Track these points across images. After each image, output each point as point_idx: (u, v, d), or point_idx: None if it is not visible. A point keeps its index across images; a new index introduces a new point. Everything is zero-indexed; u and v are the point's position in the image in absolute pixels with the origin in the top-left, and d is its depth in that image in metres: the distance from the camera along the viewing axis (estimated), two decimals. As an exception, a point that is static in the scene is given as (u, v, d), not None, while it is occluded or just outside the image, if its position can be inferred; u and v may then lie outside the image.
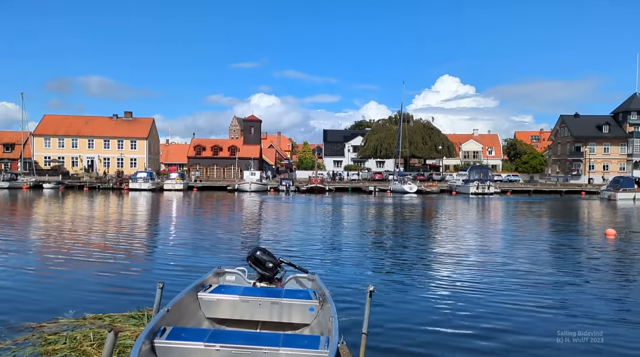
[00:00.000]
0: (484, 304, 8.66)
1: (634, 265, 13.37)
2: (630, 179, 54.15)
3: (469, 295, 9.34)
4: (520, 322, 7.70)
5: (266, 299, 5.62)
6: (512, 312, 8.24)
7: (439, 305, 8.64)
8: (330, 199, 49.21)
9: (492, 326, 7.50)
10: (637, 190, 50.68)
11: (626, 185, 51.84)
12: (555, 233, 21.54)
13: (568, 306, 8.82)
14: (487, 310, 8.31)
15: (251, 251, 6.28)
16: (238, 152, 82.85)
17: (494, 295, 9.37)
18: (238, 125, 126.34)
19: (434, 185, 66.51)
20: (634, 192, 50.22)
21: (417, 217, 29.04)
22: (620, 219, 29.11)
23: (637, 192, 50.21)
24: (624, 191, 50.69)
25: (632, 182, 52.35)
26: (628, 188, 51.06)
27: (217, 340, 4.34)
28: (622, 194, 49.98)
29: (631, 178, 55.09)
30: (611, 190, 52.26)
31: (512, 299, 9.05)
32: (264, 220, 26.54)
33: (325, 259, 13.38)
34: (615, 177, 60.51)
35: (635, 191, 50.44)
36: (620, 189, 51.17)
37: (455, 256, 14.16)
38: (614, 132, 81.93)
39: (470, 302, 8.78)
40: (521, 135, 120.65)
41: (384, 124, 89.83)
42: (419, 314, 8.12)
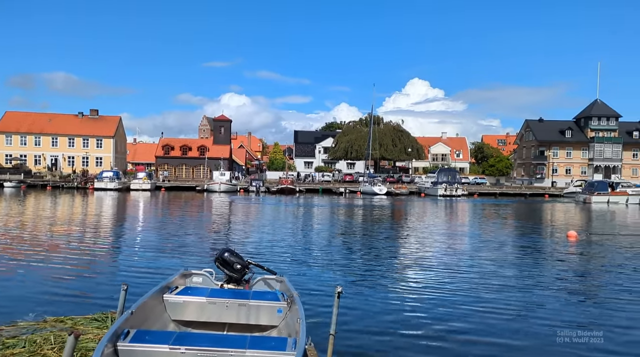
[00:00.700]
0: (450, 306, 8.80)
1: (591, 266, 13.82)
2: (605, 183, 56.42)
3: (436, 297, 9.48)
4: (485, 324, 7.83)
5: (233, 301, 5.57)
6: (476, 313, 8.38)
7: (407, 306, 8.74)
8: (301, 200, 49.21)
9: (458, 327, 7.62)
10: (611, 193, 52.88)
11: (600, 188, 54.04)
12: (519, 235, 22.08)
13: (530, 307, 9.05)
14: (453, 311, 8.44)
15: (219, 253, 6.22)
16: (207, 152, 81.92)
17: (460, 296, 9.53)
18: (208, 125, 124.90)
19: (403, 187, 67.28)
20: (608, 196, 52.43)
21: (387, 219, 29.32)
22: (584, 222, 30.07)
23: (611, 196, 52.42)
24: (599, 194, 52.81)
25: (606, 186, 54.63)
26: (602, 192, 53.22)
27: (182, 342, 4.27)
28: (597, 198, 52.05)
29: (605, 182, 57.39)
30: (586, 193, 54.24)
31: (476, 301, 9.21)
32: (233, 221, 26.33)
33: (294, 260, 13.36)
34: (590, 181, 62.98)
35: (609, 195, 52.62)
36: (595, 192, 53.26)
37: (423, 258, 14.35)
38: (576, 137, 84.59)
39: (436, 304, 8.91)
40: (488, 138, 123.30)
41: (355, 126, 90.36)
42: (387, 315, 8.19)
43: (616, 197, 52.26)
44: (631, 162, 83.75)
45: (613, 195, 52.77)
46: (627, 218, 33.97)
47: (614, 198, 52.16)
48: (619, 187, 54.85)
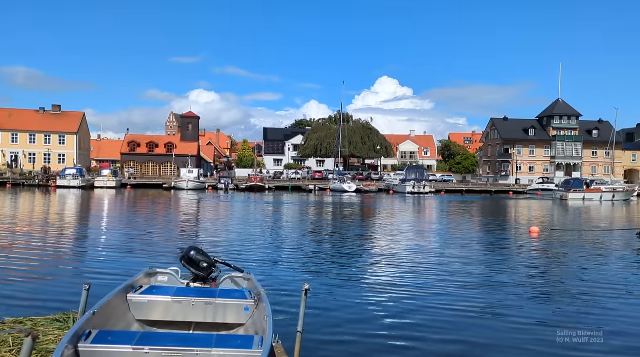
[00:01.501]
0: (418, 304, 8.86)
1: (549, 262, 14.26)
2: (580, 181, 59.04)
3: (405, 295, 9.56)
4: (449, 322, 7.88)
5: (200, 300, 5.51)
6: (443, 311, 8.44)
7: (375, 304, 8.79)
8: (271, 197, 49.02)
9: (425, 324, 7.68)
10: (586, 191, 55.18)
11: (576, 186, 56.59)
12: (485, 231, 22.58)
13: (493, 305, 9.26)
14: (421, 309, 8.50)
15: (185, 251, 6.13)
16: (175, 149, 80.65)
17: (427, 294, 9.61)
18: (175, 121, 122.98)
19: (373, 184, 67.87)
20: (583, 193, 54.73)
21: (356, 216, 29.51)
22: (547, 218, 30.96)
23: (586, 193, 54.70)
24: (575, 191, 55.16)
25: (582, 184, 57.12)
26: (578, 189, 55.63)
27: (146, 343, 4.20)
28: (573, 195, 54.34)
29: (581, 180, 60.09)
30: (563, 191, 56.53)
31: (443, 298, 9.31)
32: (201, 219, 26.03)
33: (262, 258, 13.31)
34: (566, 179, 65.87)
35: (585, 192, 54.93)
36: (571, 190, 55.65)
37: (392, 256, 14.51)
38: (539, 136, 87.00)
39: (405, 302, 8.97)
40: (455, 136, 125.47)
41: (324, 124, 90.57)
42: (355, 312, 8.24)
43: (591, 195, 54.58)
44: (590, 160, 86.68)
45: (588, 192, 55.12)
46: (592, 214, 35.19)
47: (589, 195, 54.47)
48: (594, 184, 57.44)
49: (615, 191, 56.31)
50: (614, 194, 55.26)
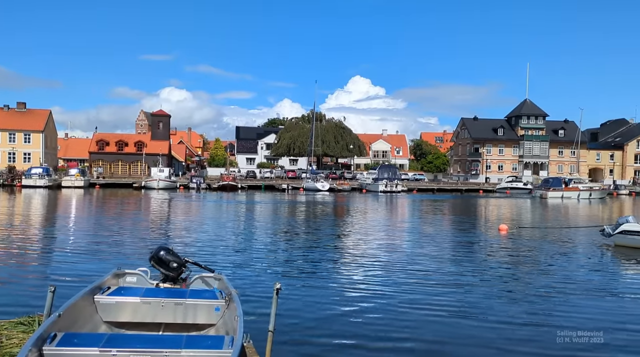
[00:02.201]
0: (388, 303, 8.90)
1: (518, 260, 14.59)
2: (559, 180, 60.97)
3: (376, 294, 9.62)
4: (418, 321, 7.94)
5: (169, 300, 5.45)
6: (412, 310, 8.47)
7: (347, 303, 8.81)
8: (243, 197, 48.71)
9: (395, 324, 7.73)
10: (564, 189, 56.98)
11: (555, 185, 58.40)
12: (456, 229, 22.96)
13: (462, 304, 9.43)
14: (390, 308, 8.55)
15: (154, 251, 6.05)
16: (145, 148, 79.26)
17: (398, 293, 9.68)
18: (146, 119, 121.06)
19: (346, 183, 68.12)
20: (562, 191, 56.51)
21: (329, 215, 29.59)
22: (515, 215, 31.66)
23: (564, 191, 56.51)
24: (554, 190, 56.91)
25: (560, 182, 58.93)
26: (557, 188, 57.40)
27: (114, 344, 4.14)
28: (552, 193, 56.14)
29: (559, 179, 62.00)
30: (542, 189, 58.32)
31: (412, 297, 9.38)
32: (171, 219, 25.68)
33: (234, 258, 13.23)
34: (545, 178, 67.85)
35: (563, 190, 56.72)
36: (551, 188, 57.38)
37: (365, 255, 14.61)
38: (508, 135, 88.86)
39: (376, 301, 9.01)
40: (427, 136, 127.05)
41: (297, 123, 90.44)
42: (327, 312, 8.25)
43: (569, 193, 56.44)
44: (557, 159, 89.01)
45: (566, 190, 56.96)
46: (563, 211, 36.14)
47: (567, 193, 56.32)
48: (572, 183, 59.31)
49: (592, 190, 58.52)
50: (591, 192, 57.36)
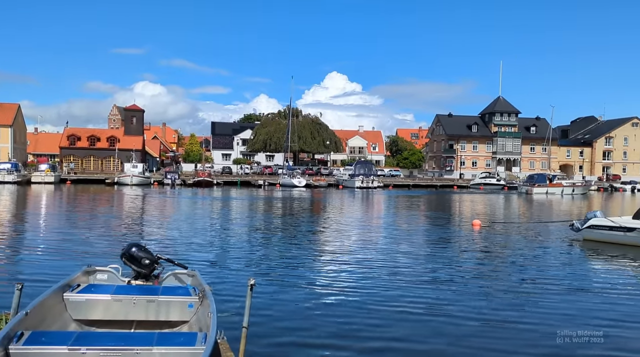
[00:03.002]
0: (363, 300, 8.86)
1: (490, 256, 14.83)
2: (544, 176, 63.16)
3: (351, 290, 9.58)
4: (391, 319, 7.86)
5: (141, 297, 5.36)
6: (386, 307, 8.43)
7: (322, 300, 8.76)
8: (219, 193, 48.32)
9: (369, 321, 7.68)
10: (549, 185, 59.01)
11: (540, 181, 60.70)
12: (431, 225, 23.22)
13: (436, 301, 9.53)
14: (365, 305, 8.52)
15: (125, 248, 5.94)
16: (118, 143, 77.90)
17: (372, 290, 9.66)
18: (118, 114, 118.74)
19: (322, 179, 68.27)
20: (546, 187, 58.48)
21: (306, 211, 29.58)
22: (489, 211, 32.19)
23: (549, 187, 58.45)
24: (539, 186, 58.96)
25: (545, 179, 61.15)
26: (541, 183, 59.53)
27: (83, 343, 4.05)
28: (537, 189, 58.16)
29: (544, 175, 64.13)
30: (528, 185, 60.28)
31: (387, 294, 9.34)
32: (145, 215, 25.31)
33: (208, 255, 13.10)
34: (530, 174, 70.06)
35: (548, 186, 58.70)
36: (536, 184, 59.50)
37: (340, 252, 14.64)
38: (482, 132, 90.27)
39: (350, 298, 8.98)
40: (402, 132, 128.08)
41: (274, 118, 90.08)
42: (302, 308, 8.21)
43: (553, 189, 58.38)
44: (529, 155, 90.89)
45: (551, 186, 58.96)
46: (537, 206, 36.89)
47: (551, 189, 58.23)
48: (556, 179, 61.63)
49: (575, 185, 60.73)
50: (574, 188, 59.48)
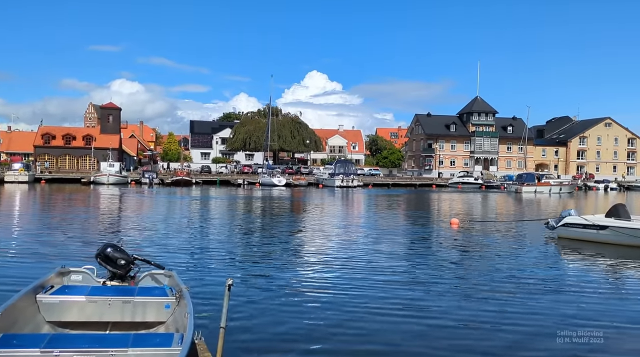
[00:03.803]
0: (342, 301, 8.80)
1: (468, 255, 15.01)
2: (532, 175, 64.97)
3: (330, 291, 9.53)
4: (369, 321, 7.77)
5: (117, 298, 5.29)
6: (364, 308, 8.32)
7: (300, 301, 8.69)
8: (198, 192, 47.91)
9: (346, 322, 7.60)
10: (537, 184, 60.39)
11: (529, 180, 62.35)
12: (409, 224, 23.40)
13: (413, 302, 9.60)
14: (345, 306, 8.44)
15: (100, 248, 5.85)
16: (94, 142, 76.63)
17: (353, 290, 9.58)
18: (95, 112, 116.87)
19: (302, 178, 68.23)
20: (535, 186, 59.83)
21: (285, 211, 29.53)
22: (467, 210, 32.59)
23: (537, 186, 59.78)
24: (528, 185, 60.34)
25: (534, 178, 62.84)
26: (530, 183, 61.02)
27: (56, 345, 3.98)
28: (527, 188, 59.48)
29: (533, 174, 66.04)
30: (517, 184, 61.77)
31: (365, 295, 9.29)
32: (122, 215, 24.95)
33: (187, 255, 12.97)
34: (519, 173, 71.74)
35: (536, 185, 60.12)
36: (525, 183, 60.92)
37: (320, 251, 14.63)
38: (460, 131, 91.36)
39: (329, 298, 8.92)
40: (382, 131, 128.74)
41: (253, 117, 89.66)
42: (279, 308, 8.15)
43: (541, 188, 59.75)
44: (505, 155, 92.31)
45: (539, 185, 60.33)
46: (516, 204, 37.45)
47: (540, 188, 59.50)
48: (544, 178, 63.19)
49: (562, 184, 62.39)
50: (561, 187, 61.09)
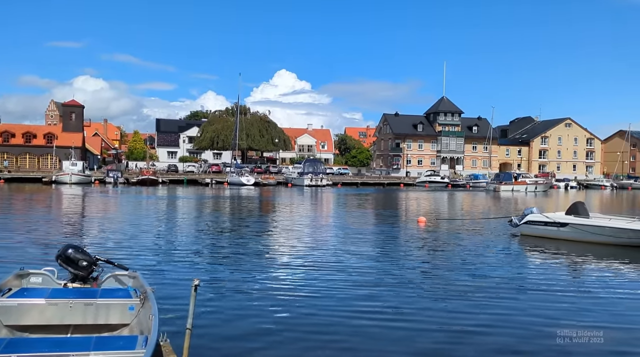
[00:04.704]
0: (309, 302, 8.74)
1: (436, 253, 15.25)
2: (509, 174, 67.51)
3: (297, 292, 9.47)
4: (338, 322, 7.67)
5: (78, 301, 5.14)
6: (333, 310, 8.27)
7: (267, 301, 8.59)
8: (164, 191, 47.10)
9: (317, 322, 7.58)
10: (514, 183, 62.67)
11: (506, 179, 64.80)
12: (377, 223, 23.60)
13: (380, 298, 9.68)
14: (312, 307, 8.38)
15: (61, 249, 5.68)
16: (56, 140, 74.36)
17: (320, 291, 9.56)
18: (57, 110, 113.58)
19: (271, 177, 67.92)
20: (512, 185, 62.03)
21: (254, 210, 29.33)
22: (434, 208, 33.09)
23: (514, 185, 62.04)
24: (505, 184, 62.62)
25: (511, 177, 65.23)
26: (508, 181, 63.28)
27: (14, 349, 3.84)
28: (504, 186, 61.66)
29: (510, 173, 68.53)
30: (495, 183, 63.84)
31: (333, 295, 9.32)
32: (85, 216, 24.30)
33: (152, 255, 12.72)
34: (497, 173, 74.75)
35: (513, 184, 62.34)
36: (502, 182, 63.13)
37: (287, 252, 14.57)
38: (427, 131, 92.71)
39: (297, 300, 8.84)
40: (351, 131, 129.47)
41: (221, 116, 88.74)
42: (246, 309, 8.06)
43: (518, 186, 62.01)
44: (471, 154, 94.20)
45: (516, 184, 62.60)
46: (482, 202, 38.19)
47: (517, 187, 61.70)
48: (520, 177, 65.49)
49: (537, 183, 64.73)
50: (536, 186, 63.47)
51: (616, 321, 7.93)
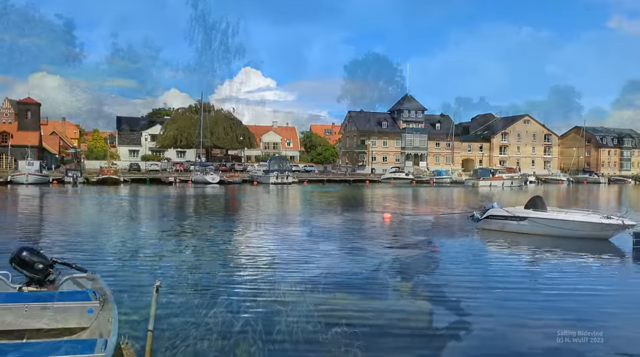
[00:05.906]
0: (274, 302, 8.59)
1: (401, 251, 15.42)
2: (487, 170, 69.66)
3: (261, 292, 9.34)
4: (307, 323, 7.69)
5: (34, 305, 4.97)
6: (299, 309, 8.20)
7: (231, 302, 8.51)
8: (126, 191, 46.04)
9: (279, 323, 7.47)
10: (492, 178, 64.70)
11: (484, 175, 66.79)
12: (343, 220, 23.71)
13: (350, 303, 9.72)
14: (276, 307, 8.28)
15: (15, 252, 5.47)
16: (11, 139, 71.54)
17: (286, 291, 9.38)
18: (11, 108, 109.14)
19: (236, 175, 67.26)
20: (490, 180, 64.06)
21: (219, 209, 29.02)
22: (398, 204, 33.51)
23: (492, 181, 64.06)
24: (483, 179, 64.50)
25: (488, 173, 67.40)
26: (485, 177, 65.29)
27: None
28: (482, 182, 63.67)
29: (488, 169, 70.79)
30: (474, 179, 66.04)
31: (300, 294, 9.19)
32: (42, 217, 23.49)
33: (112, 257, 12.41)
34: (474, 168, 76.67)
35: (491, 180, 64.38)
36: (480, 178, 65.21)
37: (252, 252, 14.40)
38: (391, 128, 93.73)
39: (261, 301, 8.71)
40: (316, 128, 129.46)
41: (184, 113, 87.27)
42: (210, 310, 7.89)
43: (495, 181, 63.95)
44: (434, 151, 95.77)
45: (493, 180, 64.60)
46: (449, 197, 38.87)
47: (494, 182, 63.55)
48: (497, 173, 67.96)
49: (513, 178, 66.98)
50: (512, 181, 65.68)
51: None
